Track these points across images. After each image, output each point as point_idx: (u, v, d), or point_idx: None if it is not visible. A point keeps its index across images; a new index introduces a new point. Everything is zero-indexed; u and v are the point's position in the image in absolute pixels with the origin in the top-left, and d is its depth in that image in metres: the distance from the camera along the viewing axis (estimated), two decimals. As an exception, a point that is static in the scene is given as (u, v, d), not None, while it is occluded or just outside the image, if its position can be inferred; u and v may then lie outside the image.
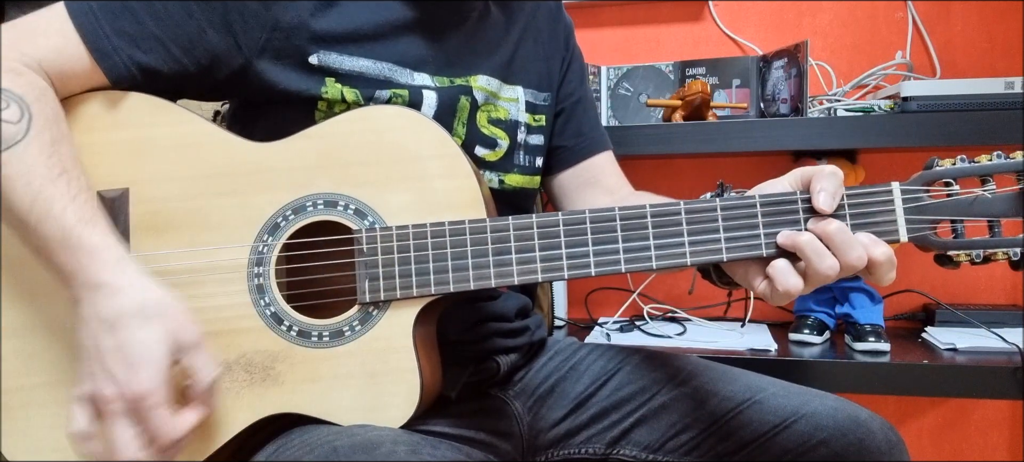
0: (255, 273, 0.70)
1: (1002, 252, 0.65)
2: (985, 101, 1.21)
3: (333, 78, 0.74)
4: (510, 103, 0.86)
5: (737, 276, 0.71)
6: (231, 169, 0.71)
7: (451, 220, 0.69)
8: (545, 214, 0.69)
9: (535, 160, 0.90)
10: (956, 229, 0.66)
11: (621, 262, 0.68)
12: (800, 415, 0.78)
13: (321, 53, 0.74)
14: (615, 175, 0.99)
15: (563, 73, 0.95)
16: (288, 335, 0.70)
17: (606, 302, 1.66)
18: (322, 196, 0.71)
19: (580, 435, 0.86)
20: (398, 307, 0.70)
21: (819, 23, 1.60)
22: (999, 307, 1.51)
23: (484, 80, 0.83)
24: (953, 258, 0.67)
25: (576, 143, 0.96)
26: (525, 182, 0.88)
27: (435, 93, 0.79)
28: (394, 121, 0.71)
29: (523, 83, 0.88)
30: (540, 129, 0.90)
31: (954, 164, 0.66)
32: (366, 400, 0.69)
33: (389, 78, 0.77)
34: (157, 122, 0.72)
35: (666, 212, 0.68)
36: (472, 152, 0.83)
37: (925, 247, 0.67)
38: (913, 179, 0.67)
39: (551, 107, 0.92)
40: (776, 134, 1.25)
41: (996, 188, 0.65)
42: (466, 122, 0.82)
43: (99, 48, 0.70)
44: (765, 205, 0.67)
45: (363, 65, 0.76)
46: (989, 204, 0.65)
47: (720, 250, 0.67)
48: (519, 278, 0.69)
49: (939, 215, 0.66)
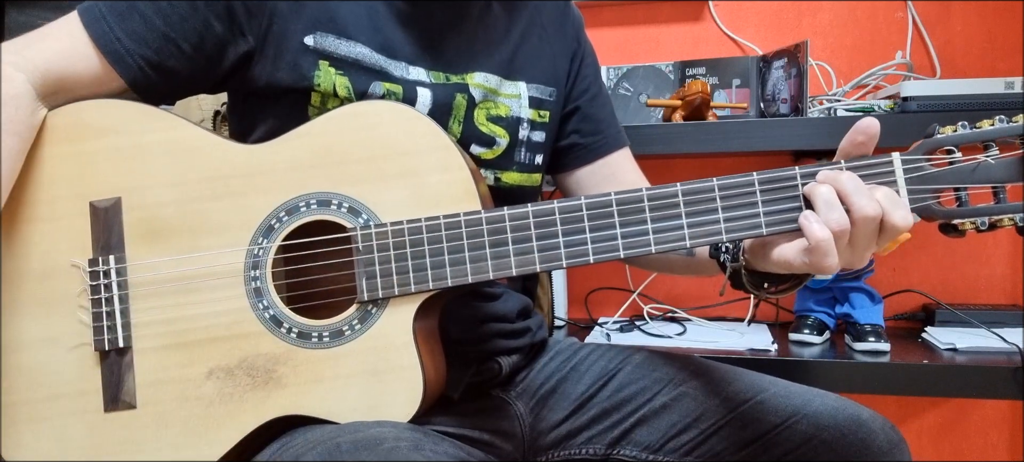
0: (252, 276, 0.70)
1: (1007, 218, 0.63)
2: (985, 101, 1.21)
3: (327, 61, 0.75)
4: (511, 100, 0.86)
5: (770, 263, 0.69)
6: (223, 172, 0.71)
7: (446, 214, 0.69)
8: (540, 203, 0.69)
9: (535, 158, 0.89)
10: (960, 197, 0.64)
11: (619, 248, 0.68)
12: (802, 415, 0.78)
13: (317, 35, 0.75)
14: (634, 172, 0.98)
15: (575, 69, 0.94)
16: (288, 337, 0.70)
17: (606, 302, 1.66)
18: (315, 196, 0.70)
19: (581, 435, 0.86)
20: (397, 304, 0.70)
21: (819, 23, 1.60)
22: (999, 307, 1.51)
23: (482, 77, 0.83)
24: (958, 227, 0.65)
25: (594, 140, 0.95)
26: (523, 180, 0.88)
27: (430, 90, 0.78)
28: (384, 116, 0.71)
29: (527, 78, 0.88)
30: (543, 126, 0.89)
31: (955, 130, 0.65)
32: (369, 398, 0.69)
33: (384, 69, 0.77)
34: (147, 128, 0.72)
35: (663, 195, 0.67)
36: (468, 150, 0.82)
37: (929, 217, 0.65)
38: (914, 148, 0.66)
39: (557, 103, 0.91)
40: (776, 134, 1.25)
41: (999, 153, 0.63)
42: (462, 120, 0.81)
43: (112, 51, 0.72)
44: (763, 183, 0.66)
45: (359, 52, 0.76)
46: (992, 170, 0.63)
47: (719, 231, 0.67)
48: (517, 268, 0.69)
49: (941, 184, 0.64)
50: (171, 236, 0.71)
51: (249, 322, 0.70)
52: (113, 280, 0.70)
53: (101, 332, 0.70)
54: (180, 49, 0.73)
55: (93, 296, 0.70)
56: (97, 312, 0.70)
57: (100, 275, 0.70)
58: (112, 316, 0.70)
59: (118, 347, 0.70)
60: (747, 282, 0.74)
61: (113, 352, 0.70)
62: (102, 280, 0.70)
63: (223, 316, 0.70)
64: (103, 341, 0.70)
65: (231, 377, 0.69)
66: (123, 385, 0.70)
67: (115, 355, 0.70)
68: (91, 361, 0.70)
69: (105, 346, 0.70)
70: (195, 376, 0.70)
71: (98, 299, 0.70)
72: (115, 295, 0.70)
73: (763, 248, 0.70)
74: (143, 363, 0.70)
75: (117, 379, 0.70)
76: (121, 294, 0.70)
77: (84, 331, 0.70)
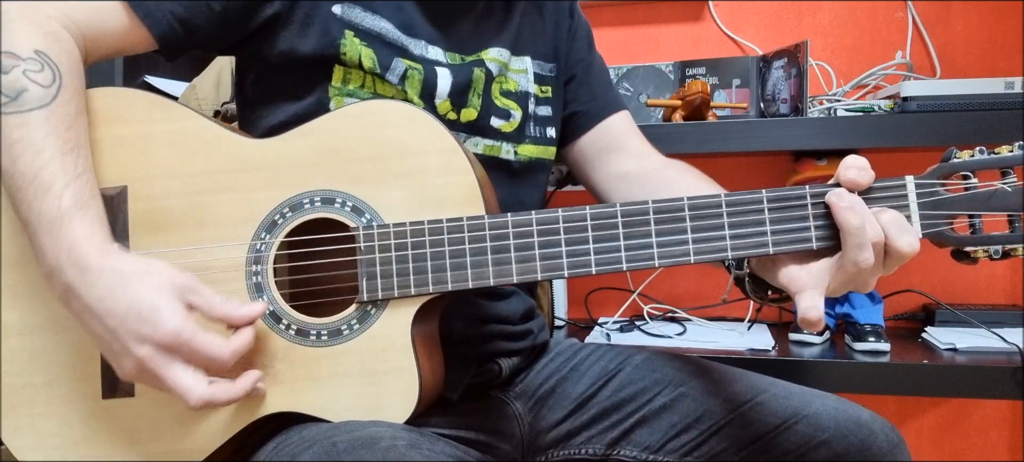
0: (253, 271, 0.70)
1: (1022, 248, 0.62)
2: (985, 101, 1.21)
3: (352, 31, 0.76)
4: (519, 75, 0.87)
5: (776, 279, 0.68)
6: (229, 166, 0.71)
7: (449, 217, 0.69)
8: (544, 211, 0.69)
9: (546, 131, 0.90)
10: (974, 224, 0.63)
11: (622, 260, 0.67)
12: (802, 416, 0.78)
13: (346, 5, 0.76)
14: (638, 139, 0.97)
15: (570, 41, 0.95)
16: (287, 334, 0.70)
17: (606, 302, 1.66)
18: (319, 193, 0.70)
19: (580, 435, 0.86)
20: (397, 306, 0.69)
21: (819, 23, 1.60)
22: (999, 307, 1.51)
23: (495, 52, 0.84)
24: (971, 254, 0.64)
25: (590, 106, 0.95)
26: (540, 152, 0.88)
27: (449, 70, 0.79)
28: (391, 116, 0.71)
29: (531, 54, 0.89)
30: (548, 100, 0.90)
31: (973, 156, 0.63)
32: (365, 399, 0.69)
33: (405, 47, 0.78)
34: (155, 118, 0.72)
35: (669, 208, 0.67)
36: (488, 123, 0.83)
37: (941, 243, 0.64)
38: (929, 172, 0.64)
39: (558, 79, 0.92)
40: (776, 134, 1.25)
41: (1017, 181, 0.62)
42: (481, 93, 0.82)
43: (142, 6, 0.72)
44: (772, 202, 0.66)
45: (383, 26, 0.77)
46: (1009, 198, 0.62)
47: (725, 247, 0.66)
48: (518, 276, 0.68)
49: (955, 210, 0.63)
50: (175, 227, 0.71)
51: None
52: None
53: None
54: (210, 7, 0.73)
55: None
56: None
57: None
58: None
59: None
60: (751, 291, 0.73)
61: None
62: None
63: None
64: None
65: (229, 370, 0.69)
66: None
67: None
68: (91, 348, 0.70)
69: None
70: None
71: None
72: None
73: (773, 263, 0.69)
74: None
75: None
76: None
77: None
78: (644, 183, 0.91)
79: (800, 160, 1.45)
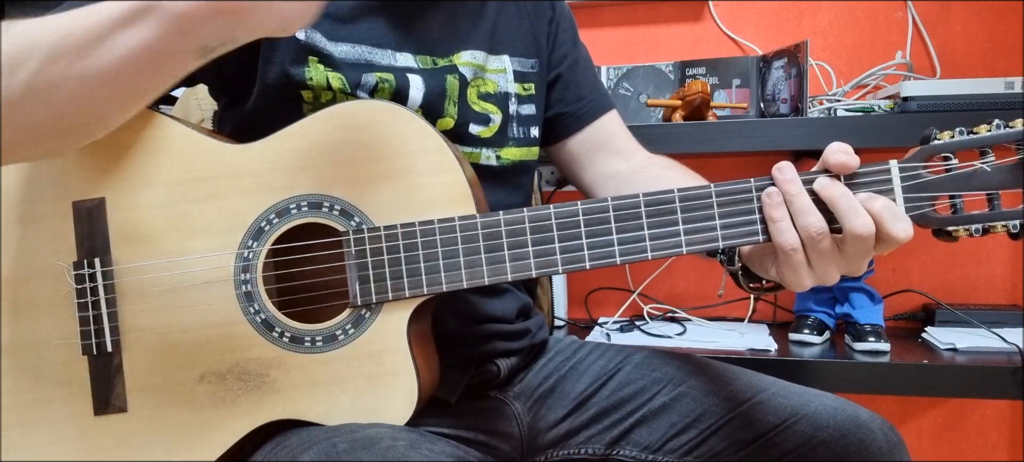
0: (242, 280, 0.69)
1: (1001, 225, 0.64)
2: (985, 101, 1.21)
3: (316, 58, 0.74)
4: (498, 75, 0.85)
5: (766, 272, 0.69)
6: (211, 172, 0.69)
7: (440, 217, 0.68)
8: (536, 208, 0.68)
9: (529, 131, 0.88)
10: (954, 204, 0.65)
11: (616, 254, 0.67)
12: (801, 415, 0.78)
13: (308, 30, 0.74)
14: (625, 137, 0.97)
15: (553, 36, 0.93)
16: (280, 341, 0.69)
17: (606, 302, 1.66)
18: (306, 198, 0.69)
19: (580, 435, 0.86)
20: (391, 308, 0.69)
21: (819, 23, 1.60)
22: (999, 307, 1.51)
23: (469, 55, 0.82)
24: (952, 233, 0.65)
25: (578, 107, 0.94)
26: (523, 155, 0.87)
27: (420, 76, 0.78)
28: (375, 115, 0.69)
29: (509, 52, 0.87)
30: (530, 98, 0.88)
31: (953, 137, 0.64)
32: (365, 402, 0.68)
33: (370, 61, 0.76)
34: (132, 127, 0.69)
35: (660, 200, 0.67)
36: (466, 131, 0.82)
37: (924, 224, 0.65)
38: (911, 155, 0.65)
39: (541, 74, 0.90)
40: (776, 134, 1.25)
41: (995, 159, 0.63)
42: (457, 101, 0.81)
43: None
44: (761, 190, 0.66)
45: (342, 49, 0.75)
46: (988, 177, 0.63)
47: (716, 237, 0.66)
48: (512, 274, 0.68)
49: (938, 191, 0.64)
50: (158, 238, 0.69)
51: (240, 326, 0.69)
52: (99, 283, 0.69)
53: (88, 336, 0.69)
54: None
55: (79, 299, 0.69)
56: (83, 316, 0.69)
57: (86, 278, 0.69)
58: (99, 320, 0.69)
59: (106, 351, 0.69)
60: (744, 285, 0.74)
61: (102, 356, 0.69)
62: (87, 284, 0.69)
63: (213, 320, 0.69)
64: (91, 345, 0.69)
65: (223, 381, 0.69)
66: (113, 389, 0.69)
67: (104, 358, 0.69)
68: (79, 365, 0.69)
69: (93, 350, 0.69)
70: (187, 380, 0.69)
71: (84, 302, 0.69)
72: (102, 298, 0.69)
73: (760, 256, 0.70)
74: (133, 367, 0.69)
75: (106, 383, 0.69)
76: (108, 297, 0.69)
77: (71, 334, 0.69)
78: (631, 181, 0.91)
79: (800, 160, 1.45)
